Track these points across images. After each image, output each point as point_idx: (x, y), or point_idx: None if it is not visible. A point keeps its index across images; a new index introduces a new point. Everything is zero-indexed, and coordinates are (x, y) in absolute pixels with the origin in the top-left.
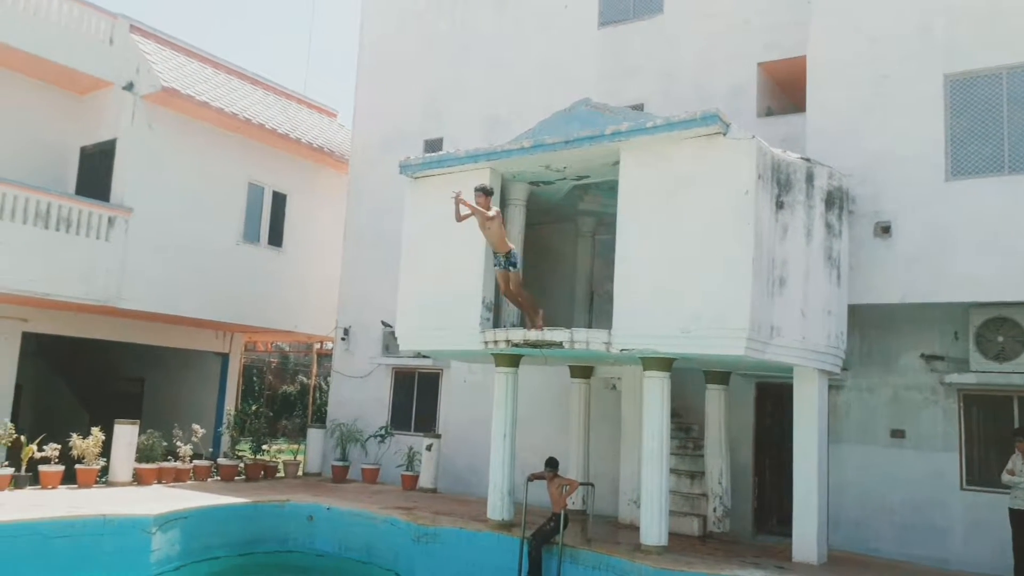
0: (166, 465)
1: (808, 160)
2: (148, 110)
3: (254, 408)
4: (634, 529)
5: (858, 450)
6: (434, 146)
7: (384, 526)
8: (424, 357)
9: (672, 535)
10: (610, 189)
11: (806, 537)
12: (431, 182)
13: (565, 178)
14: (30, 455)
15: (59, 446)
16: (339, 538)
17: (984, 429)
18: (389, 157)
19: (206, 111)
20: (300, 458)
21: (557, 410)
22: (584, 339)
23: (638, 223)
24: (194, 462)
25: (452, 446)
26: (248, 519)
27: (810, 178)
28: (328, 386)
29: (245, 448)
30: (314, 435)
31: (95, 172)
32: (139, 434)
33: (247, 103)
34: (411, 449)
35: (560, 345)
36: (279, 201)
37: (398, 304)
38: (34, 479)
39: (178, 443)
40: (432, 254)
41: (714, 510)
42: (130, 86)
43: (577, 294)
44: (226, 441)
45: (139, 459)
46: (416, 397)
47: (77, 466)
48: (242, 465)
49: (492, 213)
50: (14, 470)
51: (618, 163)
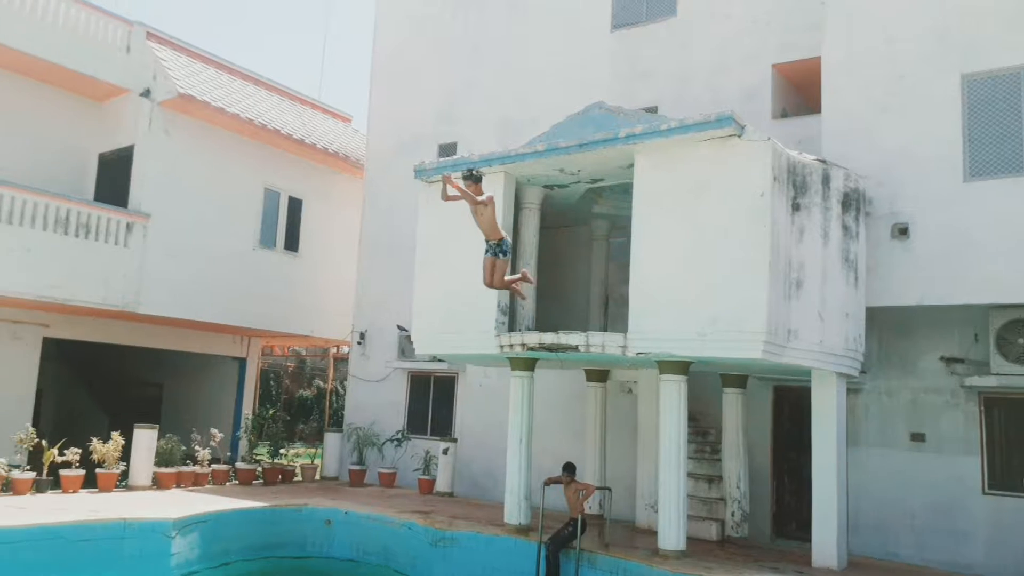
0: (185, 469)
1: (824, 162)
2: (165, 116)
3: (271, 412)
4: (652, 534)
5: (877, 454)
6: (448, 150)
7: (402, 530)
8: (440, 361)
9: (690, 540)
10: (624, 192)
11: (825, 542)
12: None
13: (579, 181)
14: (51, 459)
15: (80, 450)
16: (357, 542)
17: (1006, 432)
18: (403, 161)
19: (222, 117)
20: (317, 462)
21: (573, 414)
22: (600, 342)
23: (653, 226)
24: (212, 466)
25: (468, 450)
26: (266, 523)
27: (826, 180)
28: (345, 390)
29: (263, 452)
30: (331, 439)
31: (113, 178)
32: (158, 438)
33: (262, 109)
34: (427, 453)
35: (576, 349)
36: (295, 206)
37: (413, 308)
38: (55, 483)
39: (196, 447)
40: (447, 258)
41: (732, 514)
42: (147, 93)
43: (592, 297)
44: (244, 445)
45: (158, 463)
46: (432, 401)
47: (97, 470)
48: (260, 469)
49: (484, 198)
50: (36, 474)
51: (632, 166)
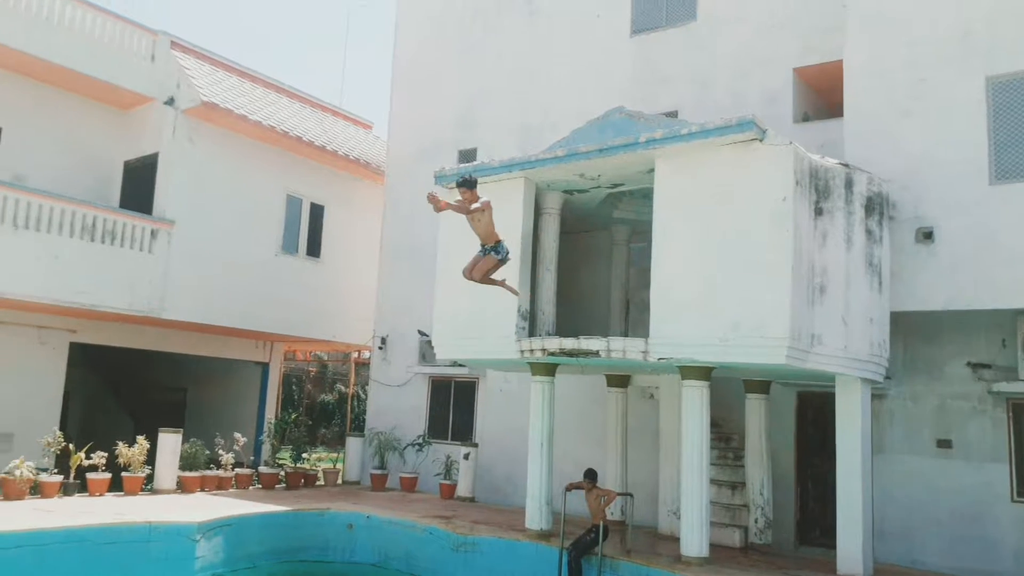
0: (209, 473)
1: (847, 166)
2: (189, 124)
3: (294, 417)
4: (674, 540)
5: (903, 460)
6: (468, 156)
7: (423, 535)
8: (460, 366)
9: (713, 546)
10: (645, 197)
11: (851, 549)
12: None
13: (599, 186)
14: (78, 463)
15: (106, 454)
16: (379, 547)
17: None
18: (424, 167)
19: (245, 124)
20: (339, 466)
21: (594, 419)
22: (621, 348)
23: (674, 231)
24: (236, 470)
25: (489, 455)
26: (289, 527)
27: (849, 184)
28: (366, 395)
29: (285, 456)
30: (353, 443)
31: (138, 186)
32: (182, 442)
33: (284, 116)
34: (448, 458)
35: (596, 354)
36: (317, 212)
37: (434, 313)
38: (82, 486)
39: (220, 451)
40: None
41: (755, 521)
42: (171, 101)
43: (612, 302)
44: (267, 449)
45: (183, 467)
46: (453, 406)
47: (123, 474)
48: (283, 473)
49: (479, 205)
50: (63, 477)
51: (653, 171)
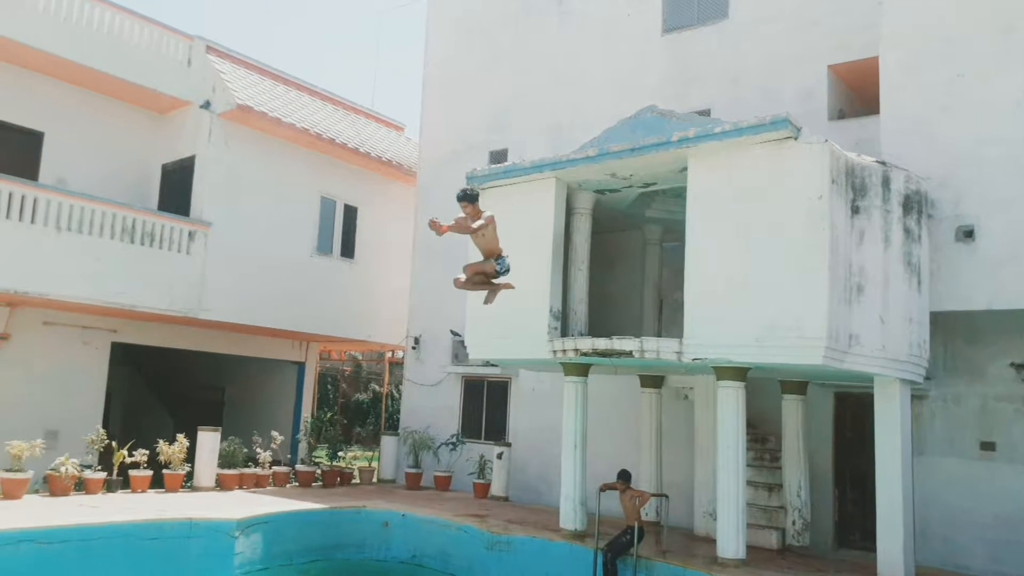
0: (247, 471)
1: (884, 163)
2: (224, 127)
3: (329, 416)
4: (710, 541)
5: (945, 463)
6: (499, 157)
7: (458, 534)
8: (493, 366)
9: (750, 548)
10: (678, 196)
11: (892, 552)
12: (497, 192)
13: (631, 186)
14: (121, 460)
15: (147, 452)
16: (414, 545)
17: None
18: (455, 169)
19: (279, 127)
20: (374, 465)
21: (628, 420)
22: (654, 348)
23: (708, 230)
24: (273, 468)
25: (522, 455)
26: (326, 525)
27: (886, 182)
28: (400, 394)
29: (322, 455)
30: (387, 442)
31: (176, 188)
32: (221, 441)
33: (318, 119)
34: (482, 457)
35: (629, 354)
36: (350, 214)
37: (467, 313)
38: (125, 483)
39: (258, 449)
40: None
41: (793, 523)
42: (207, 105)
43: (646, 302)
44: (303, 448)
45: (221, 465)
46: (486, 405)
47: (164, 471)
48: (319, 471)
49: (482, 221)
50: (106, 474)
51: (686, 169)
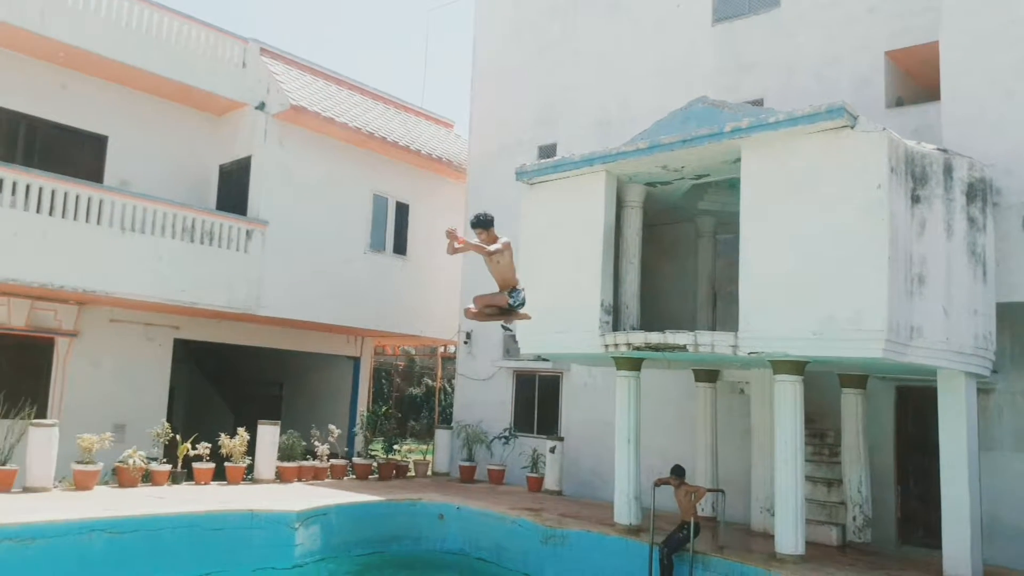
0: (305, 464)
1: (945, 151)
2: (279, 128)
3: (384, 409)
4: (767, 537)
5: (1015, 458)
6: (548, 151)
7: (513, 527)
8: (544, 360)
9: (809, 544)
10: (731, 187)
11: (958, 550)
12: (547, 187)
13: (683, 178)
14: (185, 453)
15: (209, 445)
16: (470, 537)
17: None
18: (505, 164)
19: (331, 127)
20: (429, 458)
21: (682, 414)
22: (709, 342)
23: (763, 222)
24: (331, 461)
25: (575, 449)
26: (383, 516)
27: (948, 170)
28: (452, 388)
29: (377, 448)
30: (441, 436)
31: (233, 188)
32: (280, 434)
33: (369, 117)
34: (535, 451)
35: (683, 348)
36: (402, 211)
37: None
38: (188, 475)
39: (315, 443)
40: (549, 258)
41: (854, 519)
42: (262, 106)
43: (699, 295)
44: (360, 441)
45: (281, 458)
46: (537, 400)
47: (226, 464)
48: (376, 464)
49: (499, 245)
50: (171, 467)
51: (739, 160)
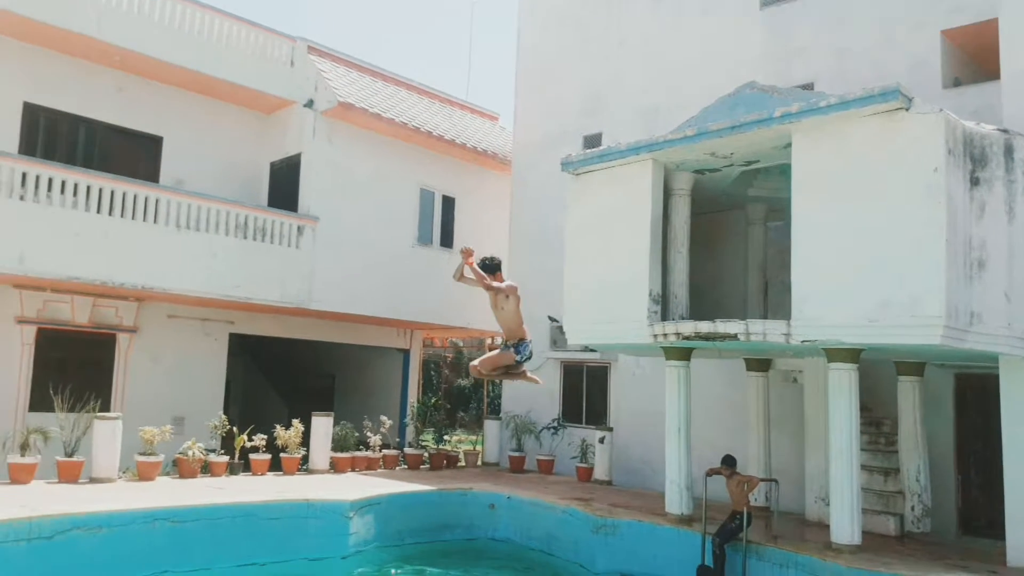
0: (358, 454)
1: (1006, 131)
2: (327, 124)
3: (434, 400)
4: (822, 527)
5: None
6: (593, 141)
7: (563, 516)
8: (591, 351)
9: (866, 534)
10: (782, 173)
11: (1022, 540)
12: (592, 177)
13: (732, 164)
14: (241, 444)
15: (264, 436)
16: (521, 527)
17: None
18: (549, 156)
19: (379, 122)
20: (479, 448)
21: (734, 404)
22: (760, 331)
23: (815, 208)
24: (383, 451)
25: (624, 439)
26: (434, 506)
27: (1009, 151)
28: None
29: (428, 438)
30: (490, 426)
31: (283, 185)
32: (333, 425)
33: (415, 112)
34: (584, 441)
35: (735, 337)
36: (448, 204)
37: (564, 299)
38: (246, 466)
39: (368, 434)
40: (596, 248)
41: (912, 509)
42: (310, 103)
43: (750, 284)
44: (410, 432)
45: (334, 448)
46: (586, 390)
47: (281, 455)
48: (427, 454)
49: (502, 285)
50: (229, 458)
51: (789, 146)
